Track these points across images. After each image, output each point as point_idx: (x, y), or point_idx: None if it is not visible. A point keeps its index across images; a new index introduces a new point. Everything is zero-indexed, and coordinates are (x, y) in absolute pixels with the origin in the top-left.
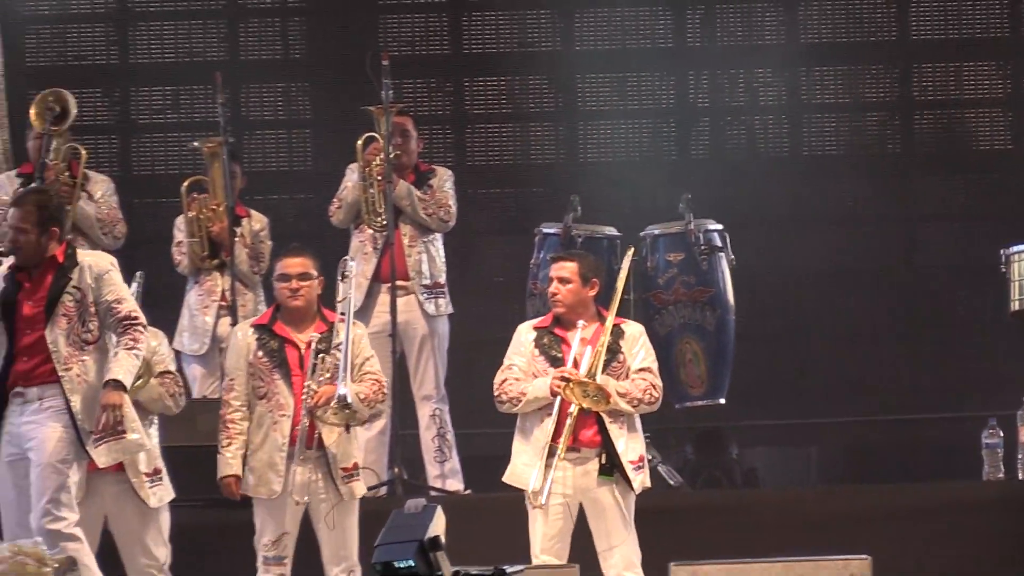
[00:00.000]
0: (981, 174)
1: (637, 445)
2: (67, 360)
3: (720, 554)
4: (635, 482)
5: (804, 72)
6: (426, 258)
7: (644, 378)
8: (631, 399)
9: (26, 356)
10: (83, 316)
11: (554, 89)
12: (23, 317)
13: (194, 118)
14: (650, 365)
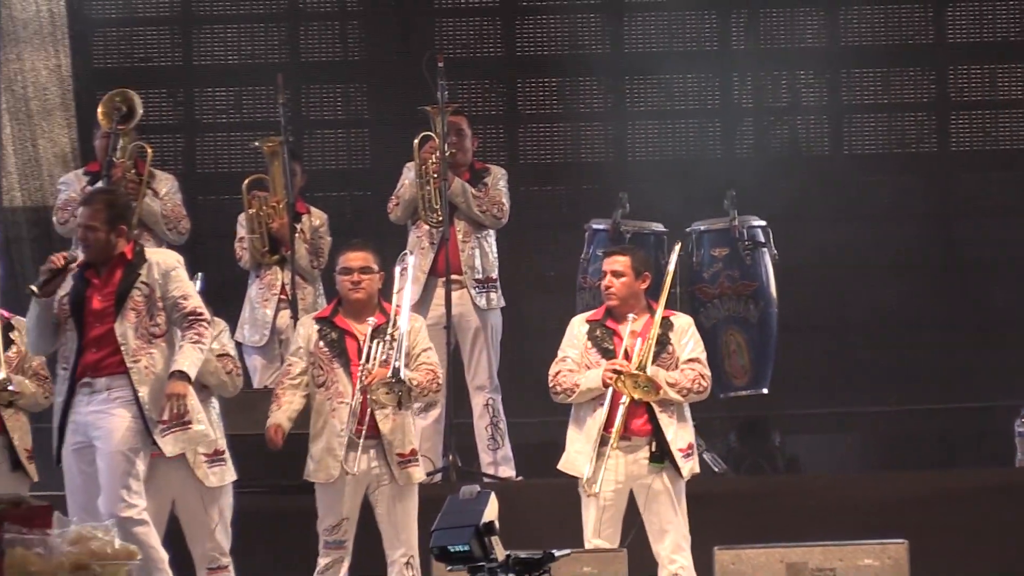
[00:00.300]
0: (1016, 171)
1: (686, 433)
2: (135, 353)
3: (762, 538)
4: (684, 469)
5: (844, 74)
6: (479, 253)
7: (693, 368)
8: (680, 389)
9: (95, 348)
10: (151, 310)
11: (603, 90)
12: (92, 311)
13: (256, 118)
14: (699, 356)
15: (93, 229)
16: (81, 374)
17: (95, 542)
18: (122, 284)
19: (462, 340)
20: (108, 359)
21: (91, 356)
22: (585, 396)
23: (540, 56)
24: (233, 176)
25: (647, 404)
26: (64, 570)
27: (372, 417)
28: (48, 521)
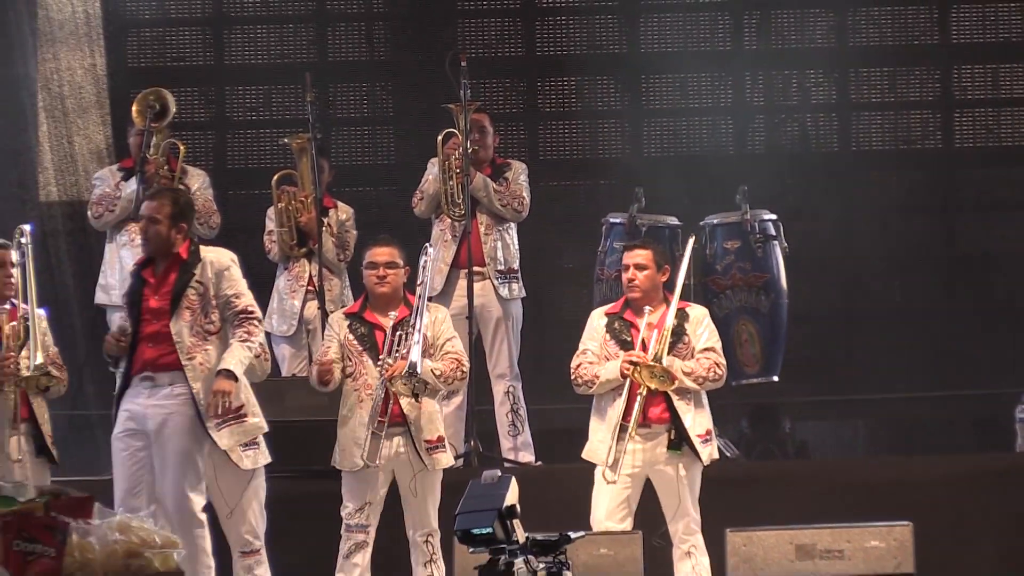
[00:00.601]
0: (1017, 167)
1: (704, 420)
2: (191, 350)
3: (773, 521)
4: (703, 454)
5: (852, 73)
6: (501, 245)
7: (708, 357)
8: (696, 377)
9: (151, 343)
10: (205, 309)
11: (620, 88)
12: (149, 308)
13: (284, 116)
14: (714, 345)
15: (156, 222)
16: (140, 368)
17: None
18: (177, 283)
19: (484, 329)
20: (166, 356)
21: (149, 352)
22: (605, 387)
23: (559, 56)
24: (262, 172)
25: (665, 393)
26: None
27: (398, 404)
28: (90, 511)
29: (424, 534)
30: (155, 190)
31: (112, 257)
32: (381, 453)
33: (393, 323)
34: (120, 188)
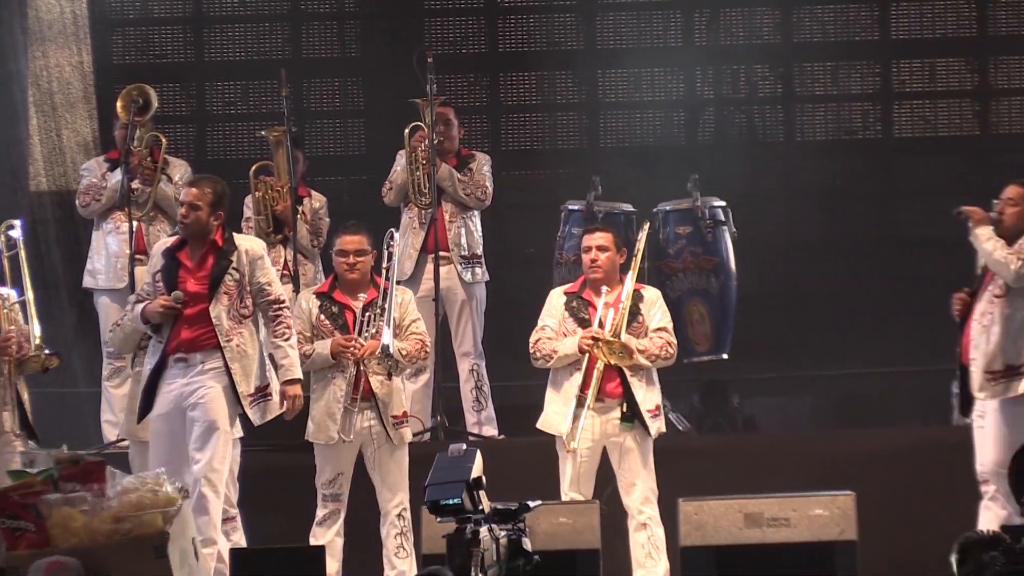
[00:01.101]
0: (952, 156)
1: (654, 396)
2: (228, 332)
3: (723, 491)
4: (652, 428)
5: (797, 67)
6: (465, 232)
7: (661, 336)
8: (649, 355)
9: (187, 326)
10: (241, 294)
11: (577, 82)
12: (187, 292)
13: (261, 109)
14: (666, 325)
15: (197, 208)
16: (175, 349)
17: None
18: (216, 269)
19: (449, 311)
20: (203, 338)
21: (186, 333)
22: (562, 361)
23: (520, 52)
24: (240, 163)
25: (619, 368)
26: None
27: (368, 382)
28: (102, 476)
29: (396, 506)
30: (196, 178)
31: (99, 244)
32: (353, 428)
33: (363, 304)
34: (106, 178)
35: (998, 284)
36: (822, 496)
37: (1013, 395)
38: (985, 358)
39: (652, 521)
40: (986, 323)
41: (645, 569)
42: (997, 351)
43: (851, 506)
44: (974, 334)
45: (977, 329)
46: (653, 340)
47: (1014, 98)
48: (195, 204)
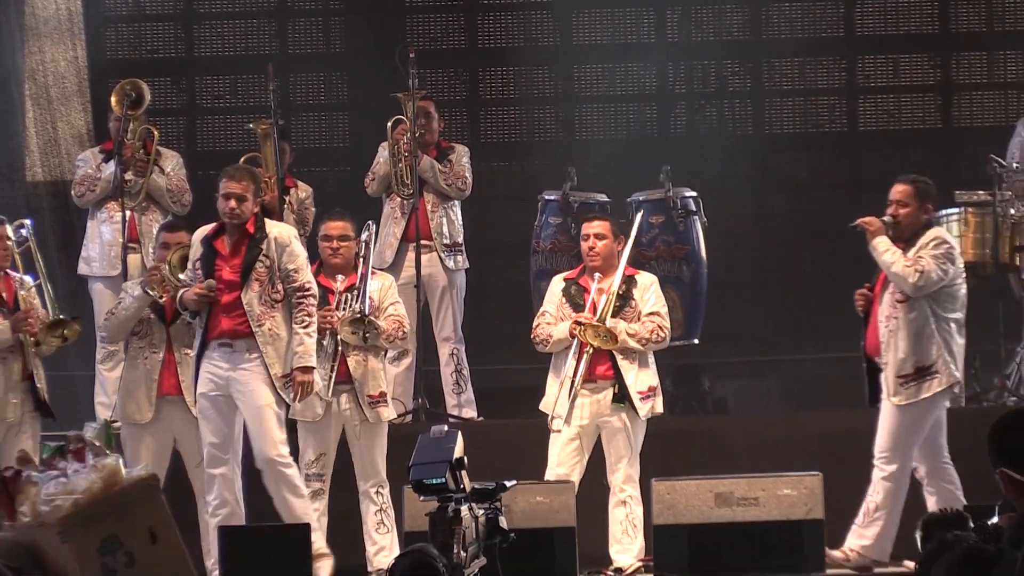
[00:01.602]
0: (916, 149)
1: (647, 378)
2: (260, 317)
3: (694, 471)
4: (641, 410)
5: (765, 63)
6: (446, 221)
7: (653, 320)
8: (640, 338)
9: (225, 313)
10: (272, 279)
11: (554, 77)
12: (223, 280)
13: (249, 103)
14: (659, 309)
15: (244, 200)
16: (218, 335)
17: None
18: (247, 257)
19: (430, 297)
20: (241, 324)
21: (225, 322)
22: (557, 346)
23: (499, 48)
24: (229, 154)
25: (611, 351)
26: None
27: (345, 364)
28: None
29: (374, 484)
30: (236, 169)
31: (93, 232)
32: (333, 408)
33: (343, 287)
34: (101, 169)
35: (899, 288)
36: (790, 476)
37: (927, 395)
38: (896, 363)
39: (632, 500)
40: (892, 327)
41: (621, 545)
42: (906, 355)
43: (818, 486)
44: (882, 337)
45: (884, 333)
46: (644, 324)
47: (975, 92)
48: (243, 196)
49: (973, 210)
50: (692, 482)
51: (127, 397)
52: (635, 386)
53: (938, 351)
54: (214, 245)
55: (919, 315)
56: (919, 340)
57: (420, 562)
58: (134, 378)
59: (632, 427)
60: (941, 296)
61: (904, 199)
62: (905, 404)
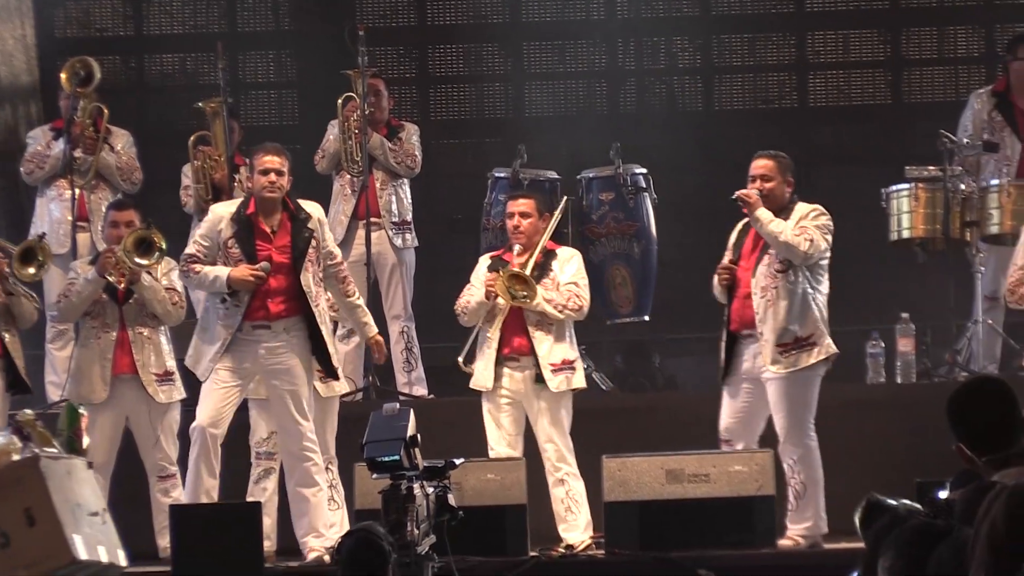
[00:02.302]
0: (865, 124)
1: (562, 350)
2: (316, 298)
3: (645, 448)
4: (551, 383)
5: (715, 39)
6: (395, 199)
7: (570, 289)
8: (555, 304)
9: (271, 297)
10: (319, 260)
11: (504, 54)
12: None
13: (198, 81)
14: (577, 280)
15: (282, 174)
16: (257, 317)
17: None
18: (298, 239)
19: (380, 275)
20: (287, 306)
21: (271, 304)
22: (476, 313)
23: (448, 25)
24: (179, 133)
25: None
26: None
27: None
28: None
29: (324, 460)
30: (268, 145)
31: (42, 210)
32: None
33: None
34: (50, 147)
35: (779, 259)
36: (741, 453)
37: (804, 366)
38: (775, 332)
39: (570, 476)
40: (770, 297)
41: (567, 523)
42: (786, 324)
43: (768, 462)
44: (758, 308)
45: (760, 303)
46: (561, 291)
47: (924, 68)
48: (281, 170)
49: (924, 185)
50: (643, 459)
51: (80, 377)
52: (547, 358)
53: (814, 322)
54: (255, 223)
55: (798, 285)
56: (801, 310)
57: (366, 541)
58: (87, 358)
59: (554, 403)
60: (815, 269)
61: (768, 173)
62: (786, 373)
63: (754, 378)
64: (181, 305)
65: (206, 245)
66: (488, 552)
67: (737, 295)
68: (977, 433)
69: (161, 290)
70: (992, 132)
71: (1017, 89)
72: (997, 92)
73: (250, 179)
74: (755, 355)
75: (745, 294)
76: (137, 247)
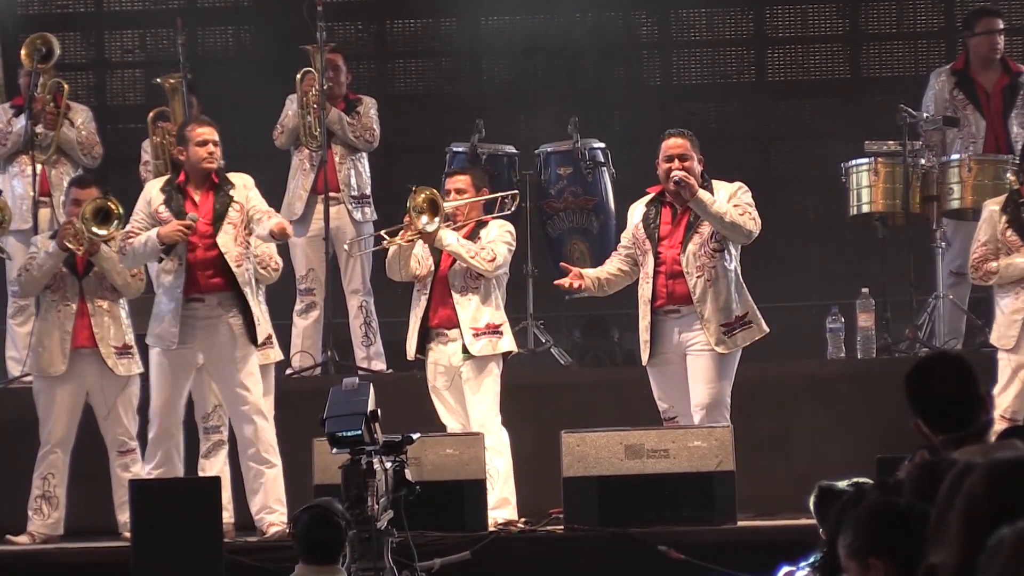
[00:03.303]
0: (824, 99)
1: (485, 314)
2: (237, 259)
3: (604, 423)
4: (472, 347)
5: (673, 13)
6: (354, 173)
7: (484, 246)
8: (468, 249)
9: (201, 268)
10: (243, 223)
11: (463, 29)
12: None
13: (158, 57)
14: (496, 239)
15: (218, 144)
16: (191, 290)
17: None
18: (218, 204)
19: (339, 250)
20: (215, 276)
21: (200, 275)
22: (392, 259)
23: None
24: (138, 108)
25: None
26: None
27: None
28: None
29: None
30: (199, 117)
31: (4, 186)
32: None
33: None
34: (11, 124)
35: (714, 238)
36: (700, 428)
37: (746, 345)
38: (718, 312)
39: (489, 451)
40: (710, 276)
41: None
42: (726, 303)
43: (728, 437)
44: (695, 287)
45: (697, 283)
46: (479, 242)
47: (883, 43)
48: (217, 141)
49: (883, 160)
50: (602, 434)
51: (40, 350)
52: (470, 322)
53: (747, 301)
54: (186, 191)
55: (731, 263)
56: (739, 289)
57: (322, 517)
58: (47, 331)
59: (480, 372)
60: (736, 248)
61: (685, 152)
62: (724, 355)
63: (681, 354)
64: (140, 277)
65: (140, 219)
66: (447, 527)
67: (661, 271)
68: (935, 410)
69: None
70: (955, 111)
71: (976, 65)
72: (957, 70)
73: (183, 151)
74: (680, 331)
75: (672, 272)
76: (95, 216)
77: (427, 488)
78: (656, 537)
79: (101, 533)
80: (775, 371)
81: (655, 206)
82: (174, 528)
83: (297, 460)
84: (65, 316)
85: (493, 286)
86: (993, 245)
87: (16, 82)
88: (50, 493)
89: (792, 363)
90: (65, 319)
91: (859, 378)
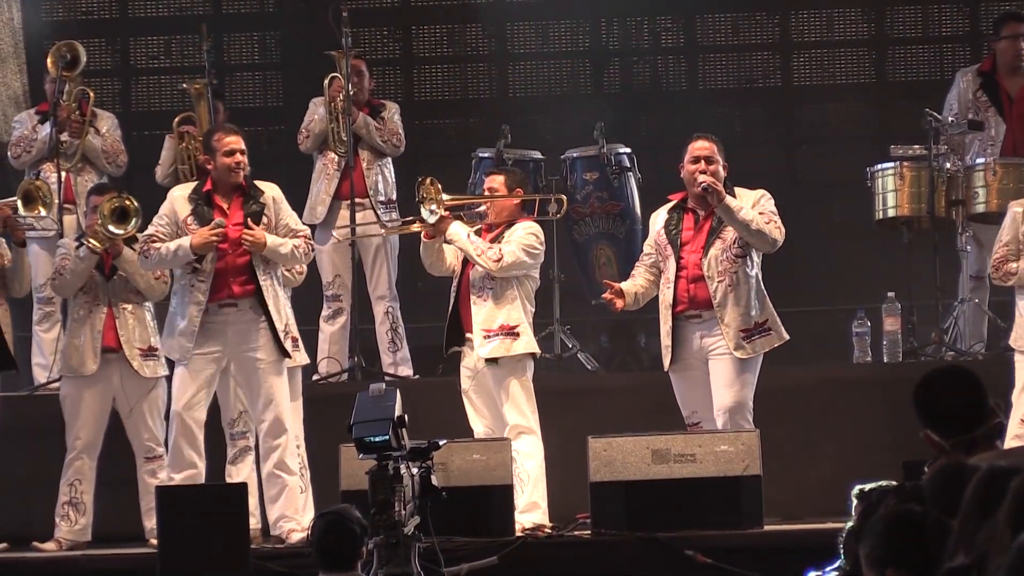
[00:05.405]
0: (849, 103)
1: (500, 315)
2: (266, 269)
3: (631, 428)
4: (481, 350)
5: (699, 18)
6: (381, 179)
7: (492, 245)
8: (476, 247)
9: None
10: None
11: (488, 34)
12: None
13: (183, 63)
14: (513, 241)
15: (245, 153)
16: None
17: None
18: (247, 212)
19: (364, 255)
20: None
21: (231, 283)
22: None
23: (432, 5)
24: (164, 114)
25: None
26: None
27: None
28: None
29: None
30: (226, 126)
31: None
32: None
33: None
34: (36, 131)
35: (737, 244)
36: (727, 433)
37: (766, 351)
38: (739, 318)
39: (520, 454)
40: (730, 282)
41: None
42: (747, 309)
43: (756, 442)
44: (716, 292)
45: (718, 288)
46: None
47: (909, 47)
48: (244, 150)
49: (909, 164)
50: (629, 439)
51: (71, 350)
52: (482, 323)
53: (768, 307)
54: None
55: (752, 269)
56: (759, 295)
57: (337, 524)
58: (78, 331)
59: (503, 377)
60: (759, 255)
61: (712, 155)
62: (745, 359)
63: (703, 359)
64: (164, 279)
65: (164, 224)
66: (474, 532)
67: (682, 276)
68: (942, 417)
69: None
70: (977, 112)
71: (1003, 69)
72: (983, 72)
73: (210, 160)
74: (702, 336)
75: (693, 276)
76: (113, 215)
77: (454, 493)
78: (683, 542)
79: (128, 539)
80: (801, 375)
81: (677, 212)
82: (201, 534)
83: (324, 466)
84: (96, 318)
85: (512, 288)
86: (1015, 246)
87: (41, 88)
88: (77, 499)
89: (818, 367)
90: (95, 321)
91: (885, 382)
